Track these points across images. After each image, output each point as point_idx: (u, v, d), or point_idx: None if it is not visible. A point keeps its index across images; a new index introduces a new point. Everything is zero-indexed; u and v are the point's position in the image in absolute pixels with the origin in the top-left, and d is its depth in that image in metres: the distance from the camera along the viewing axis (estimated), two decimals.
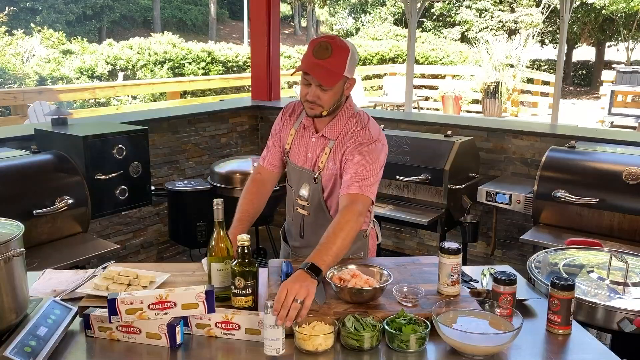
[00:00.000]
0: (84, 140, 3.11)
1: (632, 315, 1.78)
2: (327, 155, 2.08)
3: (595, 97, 17.22)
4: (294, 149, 2.19)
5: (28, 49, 13.47)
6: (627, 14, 18.46)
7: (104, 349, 1.61)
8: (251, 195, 2.20)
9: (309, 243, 2.17)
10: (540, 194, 3.25)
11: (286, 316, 1.55)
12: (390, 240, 4.82)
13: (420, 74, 13.95)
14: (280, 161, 2.26)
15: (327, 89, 1.96)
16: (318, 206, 2.14)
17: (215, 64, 14.30)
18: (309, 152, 2.14)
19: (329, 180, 2.11)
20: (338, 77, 1.96)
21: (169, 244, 4.64)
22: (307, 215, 2.18)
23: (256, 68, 5.45)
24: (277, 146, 2.25)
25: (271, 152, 2.26)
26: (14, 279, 1.55)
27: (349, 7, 25.79)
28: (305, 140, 2.15)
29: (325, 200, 2.13)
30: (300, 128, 2.17)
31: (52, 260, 2.67)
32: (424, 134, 4.10)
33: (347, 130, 2.06)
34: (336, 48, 1.94)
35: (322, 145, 2.10)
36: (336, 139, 2.07)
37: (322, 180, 2.11)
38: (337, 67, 1.94)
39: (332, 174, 2.09)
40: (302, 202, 2.18)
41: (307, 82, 1.98)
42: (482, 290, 1.86)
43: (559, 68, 6.72)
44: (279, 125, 2.26)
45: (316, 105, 2.00)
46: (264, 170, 2.27)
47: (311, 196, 2.15)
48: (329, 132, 2.08)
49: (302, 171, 2.16)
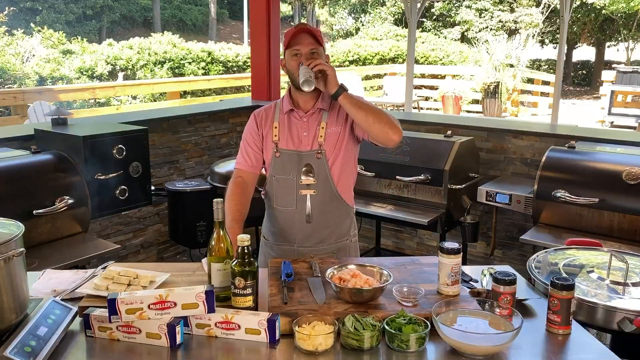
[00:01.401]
0: (84, 140, 3.11)
1: (632, 315, 1.78)
2: (324, 128, 2.20)
3: (595, 97, 17.22)
4: (284, 138, 2.23)
5: (28, 49, 13.46)
6: (627, 14, 18.44)
7: (104, 349, 1.61)
8: (237, 197, 2.21)
9: (318, 226, 2.25)
10: (540, 194, 3.25)
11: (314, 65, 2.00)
12: (390, 240, 4.82)
13: (420, 74, 13.95)
14: (259, 162, 2.30)
15: (317, 51, 2.13)
16: (325, 180, 2.22)
17: (215, 64, 14.31)
18: (304, 131, 2.22)
19: (333, 147, 2.21)
20: (322, 39, 2.17)
21: (169, 244, 4.64)
22: (314, 193, 2.22)
23: (256, 68, 5.45)
24: (255, 148, 2.29)
25: (248, 155, 2.29)
26: (14, 279, 1.55)
27: (349, 7, 25.77)
28: (295, 123, 2.24)
29: (330, 169, 2.21)
30: (285, 117, 2.25)
31: (52, 260, 2.67)
32: (424, 134, 4.10)
33: None
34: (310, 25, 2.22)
35: (317, 120, 2.22)
36: (328, 107, 2.22)
37: (326, 153, 2.20)
38: (319, 34, 2.17)
39: (335, 140, 2.21)
40: (308, 181, 2.21)
41: (297, 52, 2.13)
42: (482, 290, 1.86)
43: (559, 68, 6.72)
44: (255, 128, 2.30)
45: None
46: (243, 173, 2.29)
47: (317, 173, 2.21)
48: (323, 103, 2.22)
49: (301, 154, 2.21)
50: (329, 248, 2.30)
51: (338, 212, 2.29)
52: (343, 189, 2.27)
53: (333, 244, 2.31)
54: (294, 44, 2.14)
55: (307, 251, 2.27)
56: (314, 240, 2.27)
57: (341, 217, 2.31)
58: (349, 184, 2.31)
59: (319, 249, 2.28)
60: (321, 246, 2.28)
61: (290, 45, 2.15)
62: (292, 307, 1.70)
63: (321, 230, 2.27)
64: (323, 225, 2.26)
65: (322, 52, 2.17)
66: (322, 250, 2.28)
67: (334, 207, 2.26)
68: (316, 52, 2.13)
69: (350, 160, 2.28)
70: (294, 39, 2.14)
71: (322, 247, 2.29)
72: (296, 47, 2.13)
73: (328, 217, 2.26)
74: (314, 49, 2.13)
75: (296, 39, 2.14)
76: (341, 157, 2.23)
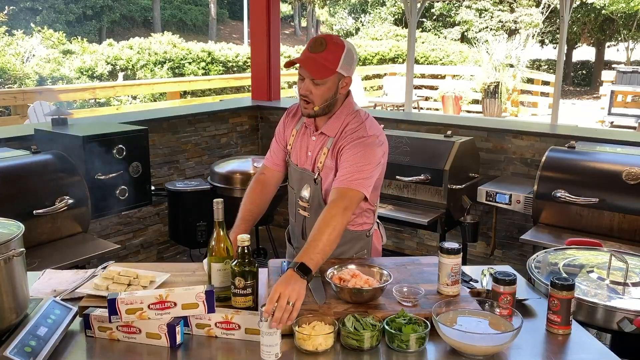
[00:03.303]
0: (84, 140, 3.11)
1: (632, 315, 1.78)
2: (325, 155, 2.08)
3: (595, 97, 17.22)
4: (295, 150, 2.20)
5: (28, 49, 13.44)
6: (627, 14, 18.44)
7: (104, 348, 1.61)
8: (255, 195, 2.20)
9: None
10: (540, 194, 3.25)
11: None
12: (390, 240, 4.82)
13: (420, 74, 13.96)
14: (284, 161, 2.27)
15: (319, 82, 1.96)
16: (318, 208, 2.12)
17: (215, 64, 14.30)
18: (309, 150, 2.15)
19: (328, 179, 2.09)
20: (329, 72, 1.95)
21: (169, 244, 4.64)
22: (308, 217, 2.18)
23: (256, 68, 5.45)
24: (281, 146, 2.26)
25: (275, 152, 2.27)
26: (14, 279, 1.55)
27: (349, 7, 25.77)
28: (306, 139, 2.16)
29: (324, 201, 2.11)
30: (302, 128, 2.18)
31: (52, 260, 2.67)
32: (424, 134, 4.10)
33: (345, 127, 2.06)
34: (331, 44, 1.96)
35: (321, 144, 2.10)
36: (334, 136, 2.07)
37: (322, 181, 2.11)
38: (330, 62, 1.95)
39: (328, 173, 2.08)
40: (303, 204, 2.18)
41: (302, 77, 2.00)
42: (482, 290, 1.86)
43: (559, 68, 6.72)
44: (283, 125, 2.27)
45: (308, 100, 2.00)
46: (267, 170, 2.28)
47: (311, 198, 2.15)
48: (328, 129, 2.08)
49: (303, 173, 2.17)
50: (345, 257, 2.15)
51: None
52: None
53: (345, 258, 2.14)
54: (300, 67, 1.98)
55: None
56: None
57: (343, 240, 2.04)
58: None
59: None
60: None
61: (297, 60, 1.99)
62: None
63: None
64: None
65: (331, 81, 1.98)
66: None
67: None
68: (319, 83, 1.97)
69: None
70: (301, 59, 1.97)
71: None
72: (301, 72, 1.99)
73: None
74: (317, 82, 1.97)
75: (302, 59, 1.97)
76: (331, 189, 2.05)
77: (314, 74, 1.95)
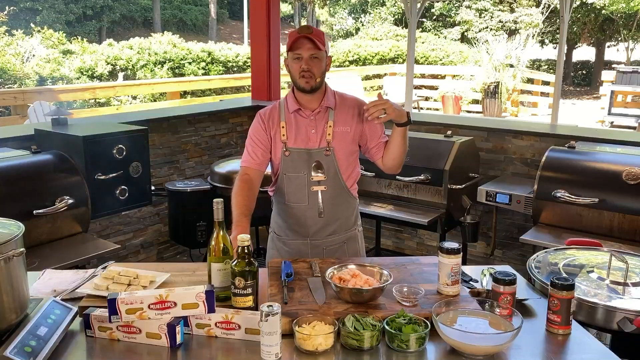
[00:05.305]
0: (84, 140, 3.11)
1: (632, 315, 1.78)
2: (331, 127, 2.27)
3: (595, 97, 17.22)
4: (292, 137, 2.29)
5: (28, 49, 13.45)
6: (627, 14, 18.44)
7: (104, 348, 1.61)
8: (244, 192, 2.23)
9: (329, 219, 2.34)
10: (540, 194, 3.25)
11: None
12: (390, 240, 4.82)
13: (420, 74, 13.95)
14: (265, 160, 2.35)
15: (317, 56, 2.18)
16: (335, 176, 2.30)
17: (215, 64, 14.31)
18: (312, 129, 2.28)
19: (340, 145, 2.28)
20: (323, 45, 2.20)
21: (169, 244, 4.64)
22: (325, 189, 2.29)
23: (256, 68, 5.45)
24: (262, 146, 2.32)
25: (255, 153, 2.33)
26: (14, 279, 1.55)
27: (349, 7, 25.76)
28: (303, 122, 2.30)
29: (338, 165, 2.29)
30: (292, 116, 2.30)
31: (52, 260, 2.67)
32: (424, 134, 4.09)
33: (339, 96, 2.34)
34: (314, 28, 2.24)
35: (325, 118, 2.29)
36: (334, 106, 2.30)
37: (335, 150, 2.27)
38: (320, 40, 2.19)
39: (343, 138, 2.29)
40: (318, 178, 2.27)
41: (298, 56, 2.19)
42: (482, 290, 1.86)
43: (559, 68, 6.71)
44: (261, 126, 2.35)
45: (311, 74, 2.20)
46: (250, 171, 2.32)
47: (327, 170, 2.28)
48: (329, 102, 2.29)
49: (310, 152, 2.27)
50: (340, 239, 2.40)
51: (346, 204, 2.39)
52: (350, 182, 2.38)
53: (343, 235, 2.40)
54: (295, 47, 2.19)
55: (319, 244, 2.37)
56: (325, 233, 2.37)
57: (349, 210, 2.42)
58: (355, 177, 2.41)
59: (331, 240, 2.38)
60: (332, 237, 2.38)
61: (292, 49, 2.20)
62: (292, 307, 1.70)
63: (332, 223, 2.36)
64: (334, 218, 2.35)
65: (324, 56, 2.22)
66: (333, 242, 2.39)
67: (343, 200, 2.36)
68: (317, 56, 2.19)
69: (354, 155, 2.38)
70: (295, 43, 2.19)
71: (333, 239, 2.39)
72: (297, 52, 2.19)
73: (338, 210, 2.36)
74: (314, 54, 2.18)
75: (297, 44, 2.18)
76: (348, 153, 2.32)
77: (316, 46, 2.17)
